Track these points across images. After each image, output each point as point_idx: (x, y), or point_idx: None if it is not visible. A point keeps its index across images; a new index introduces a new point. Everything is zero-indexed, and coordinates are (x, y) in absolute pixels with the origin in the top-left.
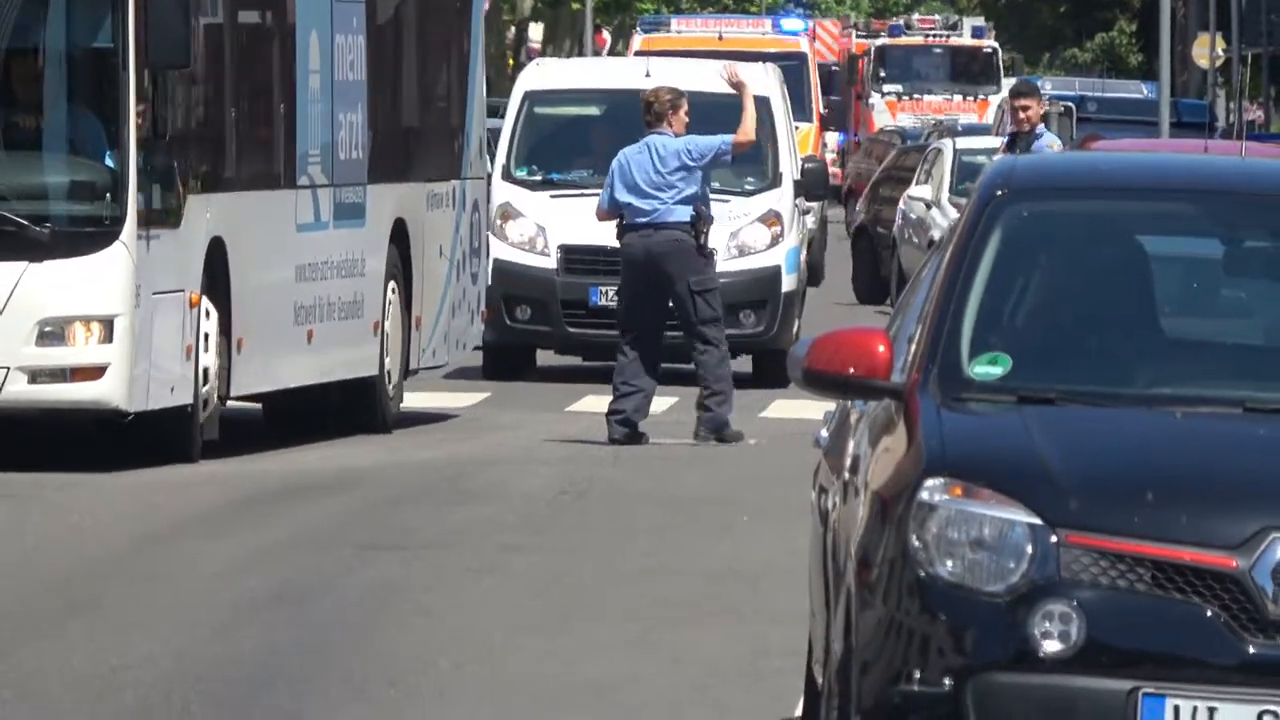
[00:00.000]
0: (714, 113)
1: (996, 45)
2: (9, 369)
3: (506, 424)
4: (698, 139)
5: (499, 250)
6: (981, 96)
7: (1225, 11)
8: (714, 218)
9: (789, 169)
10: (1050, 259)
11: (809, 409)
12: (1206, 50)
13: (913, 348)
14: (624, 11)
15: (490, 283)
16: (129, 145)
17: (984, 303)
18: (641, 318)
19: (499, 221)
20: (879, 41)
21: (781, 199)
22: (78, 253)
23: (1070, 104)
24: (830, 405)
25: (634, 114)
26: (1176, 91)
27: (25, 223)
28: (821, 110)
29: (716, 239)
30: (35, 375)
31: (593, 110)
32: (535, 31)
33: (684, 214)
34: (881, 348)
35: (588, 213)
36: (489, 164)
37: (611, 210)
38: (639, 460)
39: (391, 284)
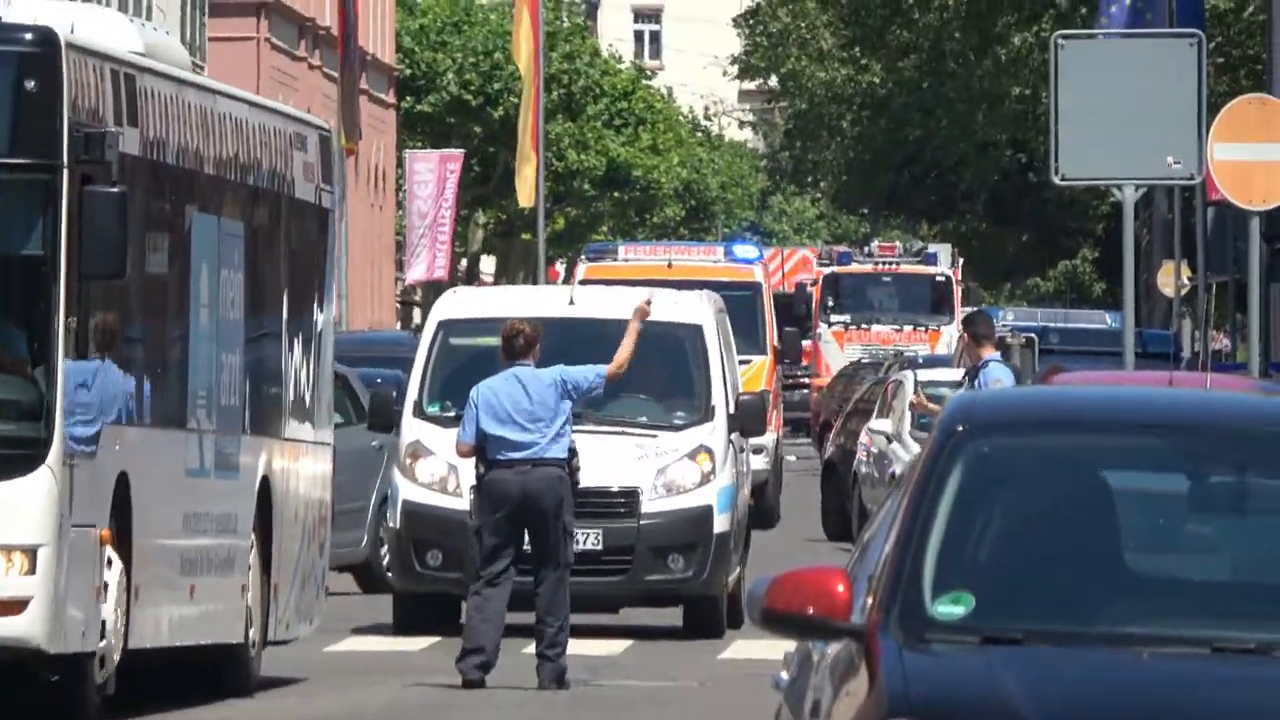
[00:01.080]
0: (641, 341)
1: (949, 273)
2: None
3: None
4: (569, 370)
5: (408, 491)
6: (933, 327)
7: (1190, 239)
8: (579, 452)
9: (722, 402)
10: (1013, 495)
11: (770, 649)
12: (1171, 279)
13: (873, 586)
14: (580, 242)
15: (399, 526)
16: (57, 362)
17: (946, 540)
18: (505, 558)
19: (408, 461)
20: (827, 270)
21: (713, 434)
22: (0, 476)
23: (1032, 335)
24: (791, 646)
25: (557, 344)
26: (1141, 321)
27: None
28: (775, 343)
29: (643, 477)
30: None
31: None
32: (487, 264)
33: (561, 449)
34: (841, 587)
35: None
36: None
37: (475, 444)
38: (590, 703)
39: (254, 547)
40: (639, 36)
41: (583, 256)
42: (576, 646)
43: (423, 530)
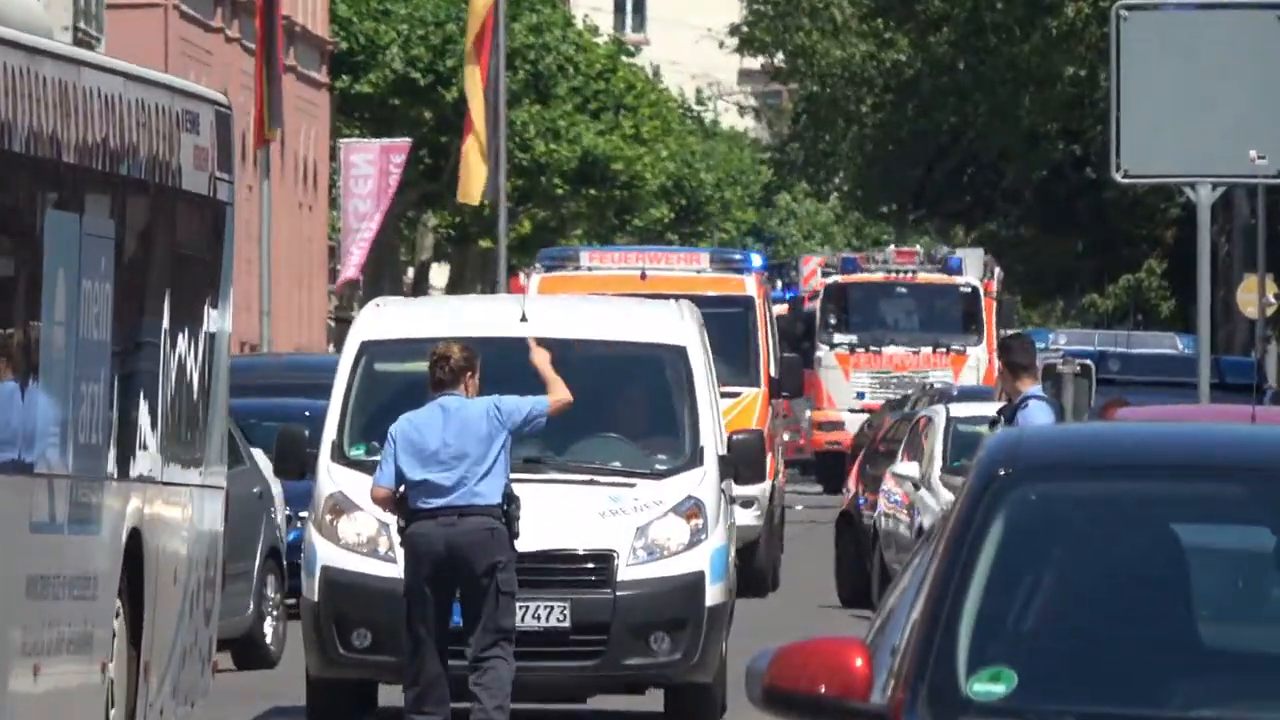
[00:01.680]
0: (611, 366)
1: (977, 283)
2: None
3: None
4: (504, 399)
5: (328, 555)
6: (958, 349)
7: (1277, 250)
8: (519, 497)
9: (713, 442)
10: (1064, 552)
11: None
12: (1254, 296)
13: (898, 661)
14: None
15: (317, 598)
16: None
17: (984, 605)
18: (430, 624)
19: (328, 518)
20: (829, 279)
21: (704, 482)
22: None
23: (1088, 362)
24: None
25: (506, 369)
26: (1218, 346)
27: None
28: (771, 372)
29: (619, 538)
30: None
31: None
32: (438, 275)
33: (493, 494)
34: (859, 661)
35: None
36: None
37: (394, 489)
38: None
39: (119, 614)
40: (619, 4)
41: (536, 265)
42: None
43: (348, 603)
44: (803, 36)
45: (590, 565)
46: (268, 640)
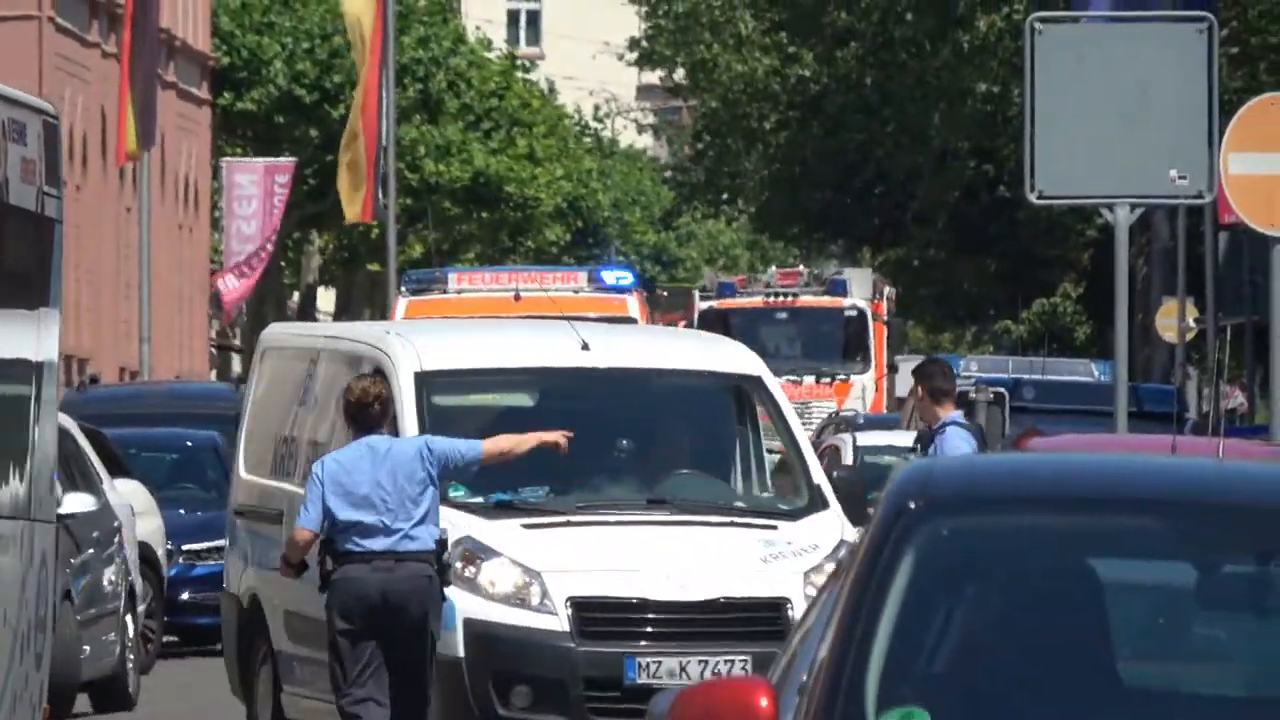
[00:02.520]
0: (688, 397)
1: (864, 304)
2: None
3: None
4: (435, 439)
5: (471, 607)
6: (842, 376)
7: (1197, 273)
8: (447, 542)
9: (824, 480)
10: (977, 588)
11: None
12: (1174, 321)
13: (804, 701)
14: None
15: (464, 653)
16: None
17: (894, 643)
18: (368, 670)
19: (461, 566)
20: (701, 305)
21: (845, 526)
22: None
23: (1002, 390)
24: None
25: (572, 402)
26: (1137, 373)
27: None
28: None
29: (788, 584)
30: None
31: (517, 396)
32: (325, 299)
33: (428, 539)
34: (764, 701)
35: (597, 549)
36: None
37: (317, 532)
38: None
39: None
40: (513, 17)
41: (401, 289)
42: None
43: (504, 660)
44: (704, 50)
45: (765, 614)
46: (129, 681)
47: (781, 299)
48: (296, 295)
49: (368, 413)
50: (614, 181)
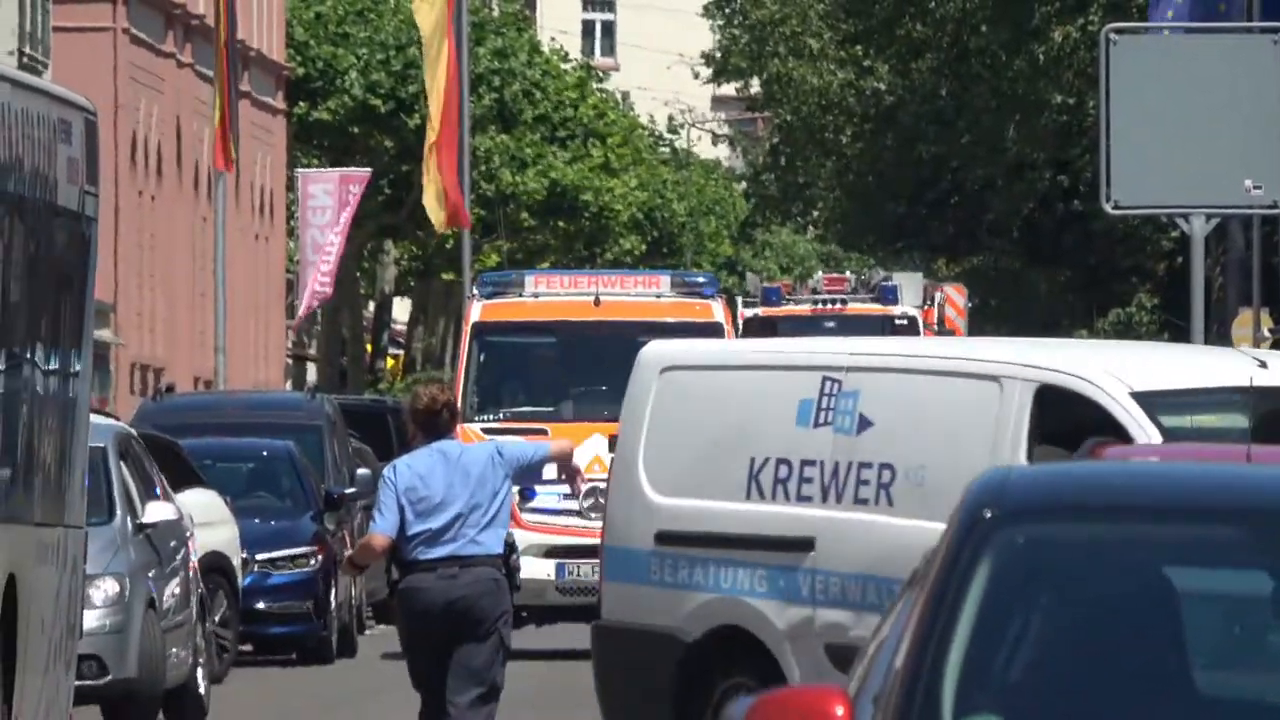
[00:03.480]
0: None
1: (915, 312)
2: None
3: None
4: (505, 443)
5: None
6: None
7: (1272, 281)
8: (518, 546)
9: None
10: (1052, 596)
11: None
12: (1249, 330)
13: (880, 710)
14: None
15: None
16: None
17: (970, 652)
18: (436, 683)
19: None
20: (746, 312)
21: None
22: None
23: None
24: None
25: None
26: None
27: None
28: None
29: None
30: None
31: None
32: (400, 309)
33: (494, 543)
34: (840, 710)
35: None
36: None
37: (393, 537)
38: None
39: None
40: (588, 28)
41: (473, 292)
42: None
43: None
44: (778, 63)
45: None
46: (200, 691)
47: (829, 306)
48: (372, 305)
49: (437, 420)
50: (689, 192)
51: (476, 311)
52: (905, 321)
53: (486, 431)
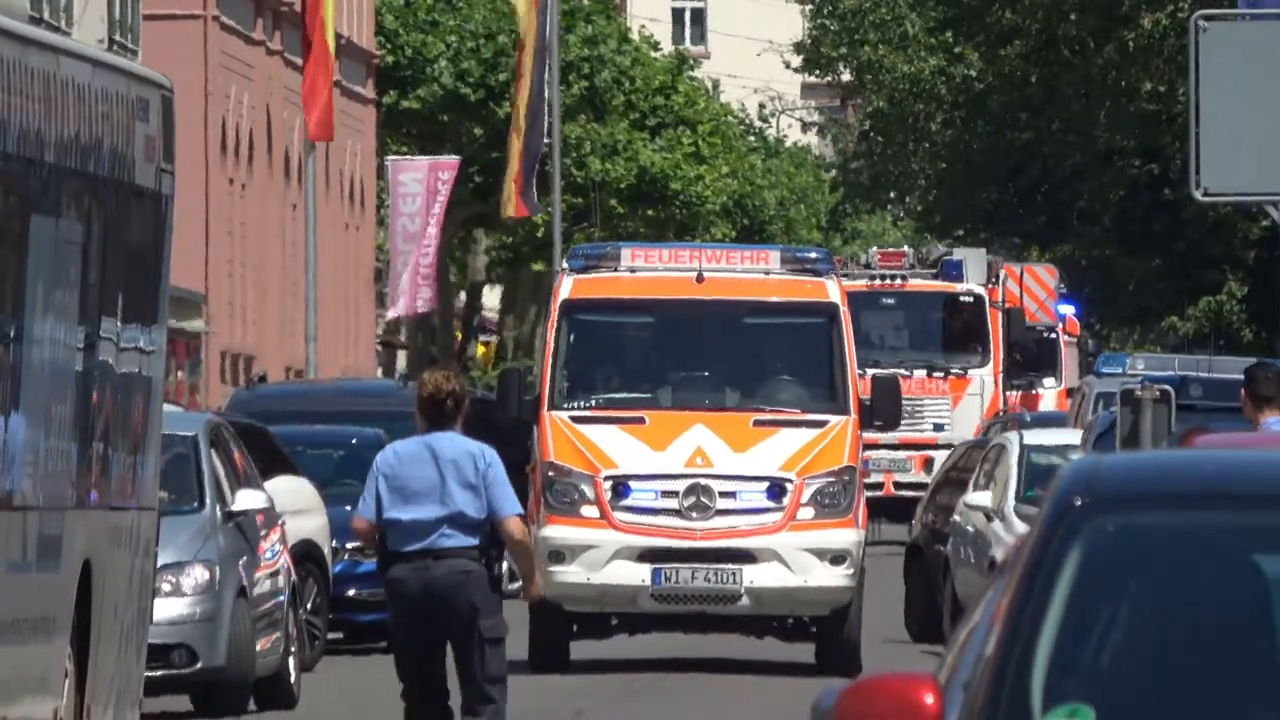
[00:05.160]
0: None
1: (981, 290)
2: None
3: None
4: (496, 461)
5: None
6: (956, 371)
7: None
8: (502, 542)
9: None
10: (1144, 585)
11: None
12: None
13: (970, 697)
14: None
15: None
16: None
17: (1060, 641)
18: (426, 673)
19: None
20: None
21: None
22: None
23: (1168, 388)
24: None
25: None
26: None
27: None
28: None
29: None
30: None
31: None
32: (491, 297)
33: (471, 535)
34: (930, 698)
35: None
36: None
37: (375, 523)
38: None
39: (70, 656)
40: (678, 16)
41: (564, 265)
42: None
43: None
44: (869, 50)
45: None
46: (291, 679)
47: (888, 282)
48: (463, 294)
49: (440, 409)
50: (778, 179)
51: (567, 287)
52: (971, 299)
53: (576, 420)
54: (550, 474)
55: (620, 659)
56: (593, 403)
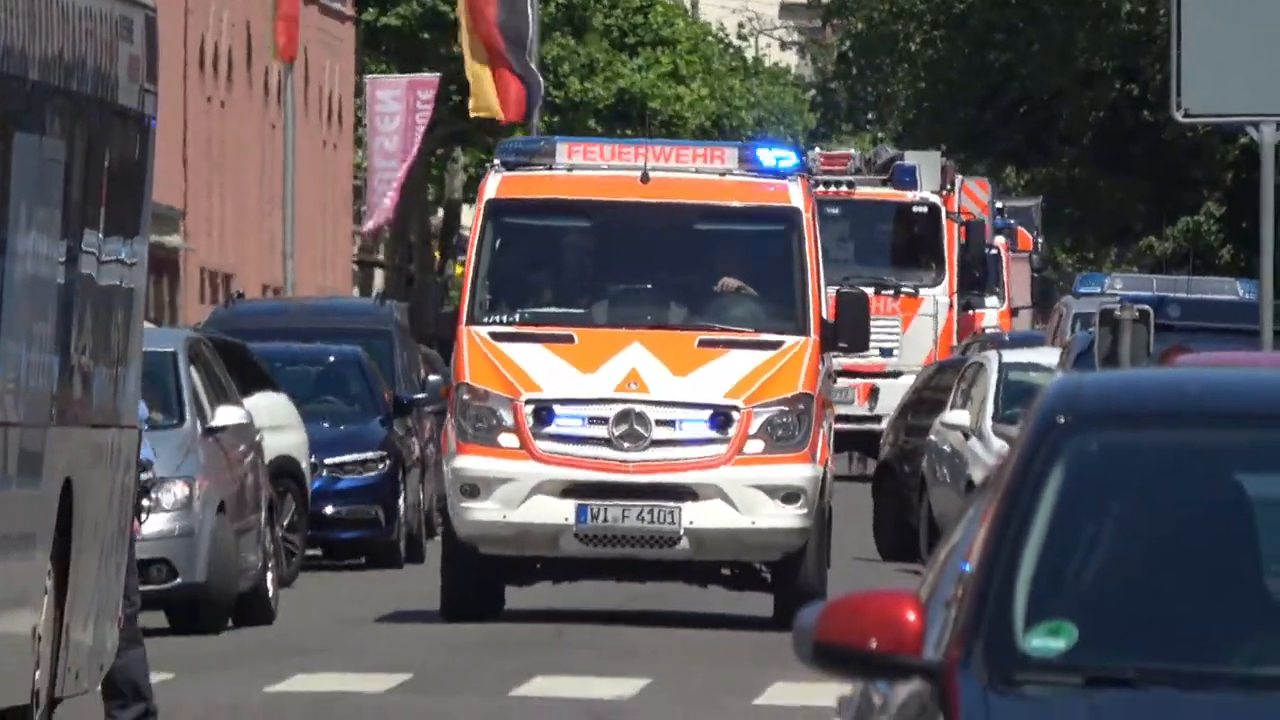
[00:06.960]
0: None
1: (936, 199)
2: None
3: None
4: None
5: None
6: (908, 289)
7: None
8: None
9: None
10: (1126, 503)
11: (818, 694)
12: None
13: (951, 615)
14: None
15: None
16: None
17: (1043, 558)
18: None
19: None
20: None
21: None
22: None
23: (1147, 307)
24: (847, 689)
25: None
26: None
27: None
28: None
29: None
30: None
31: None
32: (468, 216)
33: None
34: (911, 615)
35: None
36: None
37: None
38: None
39: (50, 573)
40: None
41: (494, 161)
42: (580, 686)
43: None
44: None
45: None
46: (269, 595)
47: (833, 189)
48: (441, 211)
49: None
50: (758, 100)
51: (493, 185)
52: (925, 209)
53: (495, 337)
54: (465, 397)
55: (548, 609)
56: (516, 318)
